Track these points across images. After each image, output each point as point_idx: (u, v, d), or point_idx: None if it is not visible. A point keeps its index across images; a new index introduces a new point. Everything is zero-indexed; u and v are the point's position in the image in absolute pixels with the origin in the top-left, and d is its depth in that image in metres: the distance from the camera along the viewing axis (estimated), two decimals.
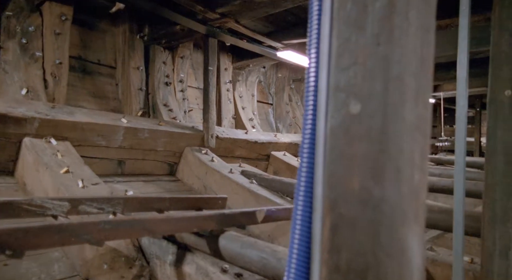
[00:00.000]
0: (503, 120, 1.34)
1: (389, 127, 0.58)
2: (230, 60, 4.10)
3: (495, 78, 1.39)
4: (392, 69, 0.58)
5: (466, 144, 1.56)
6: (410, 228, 0.59)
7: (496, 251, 1.31)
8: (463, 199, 1.53)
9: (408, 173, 0.59)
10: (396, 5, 0.57)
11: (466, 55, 1.60)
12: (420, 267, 0.61)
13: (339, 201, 0.61)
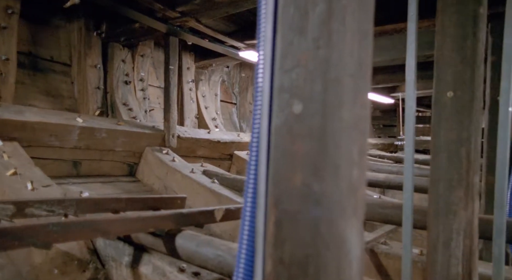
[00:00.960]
0: (446, 120, 1.43)
1: (328, 126, 0.61)
2: (192, 59, 4.08)
3: (438, 81, 1.49)
4: (331, 71, 0.61)
5: (414, 142, 1.66)
6: (348, 221, 0.63)
7: (440, 242, 1.40)
8: (412, 195, 1.63)
9: (347, 170, 0.63)
10: (334, 11, 0.61)
11: (414, 59, 1.70)
12: (358, 258, 0.66)
13: (283, 197, 0.64)
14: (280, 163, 0.65)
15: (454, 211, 1.38)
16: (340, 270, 0.61)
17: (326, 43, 0.61)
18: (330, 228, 0.60)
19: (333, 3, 0.61)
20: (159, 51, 3.77)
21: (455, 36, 1.44)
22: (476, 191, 1.42)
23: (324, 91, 0.61)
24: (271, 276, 0.63)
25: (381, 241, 1.98)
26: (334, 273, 0.60)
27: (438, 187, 1.44)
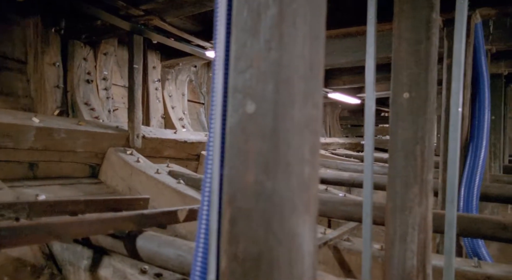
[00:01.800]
0: (402, 120, 1.50)
1: (280, 126, 0.64)
2: (158, 58, 4.03)
3: (395, 82, 1.56)
4: (282, 72, 0.64)
5: (373, 141, 1.73)
6: (300, 217, 0.66)
7: (397, 237, 1.47)
8: (371, 192, 1.70)
9: (298, 168, 0.66)
10: (285, 14, 0.64)
11: (373, 61, 1.77)
12: (311, 252, 0.69)
13: (237, 195, 0.66)
14: (234, 161, 0.67)
15: (409, 207, 1.46)
16: (292, 264, 0.64)
17: (277, 45, 0.64)
18: (282, 224, 0.63)
19: (284, 6, 0.64)
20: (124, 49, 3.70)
21: (410, 39, 1.52)
22: (430, 187, 1.50)
23: (275, 91, 0.64)
24: (226, 273, 0.65)
25: (344, 238, 2.05)
26: (286, 268, 0.63)
27: (395, 184, 1.51)
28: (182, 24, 3.19)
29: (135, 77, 2.92)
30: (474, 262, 1.71)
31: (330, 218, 2.56)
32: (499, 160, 4.90)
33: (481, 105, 2.52)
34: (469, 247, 2.22)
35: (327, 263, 1.98)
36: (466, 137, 2.51)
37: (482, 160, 2.41)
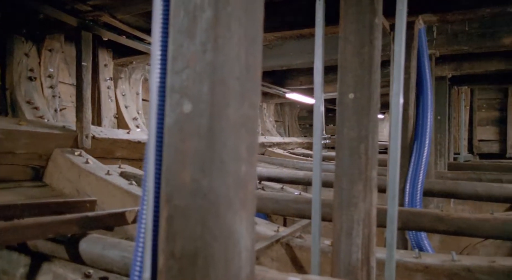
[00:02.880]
0: (348, 120, 1.58)
1: (216, 125, 0.66)
2: (110, 56, 3.90)
3: (341, 83, 1.64)
4: (217, 73, 0.67)
5: (322, 139, 1.81)
6: (237, 214, 0.69)
7: (343, 232, 1.54)
8: (320, 189, 1.77)
9: (234, 166, 0.68)
10: (220, 17, 0.66)
11: (321, 62, 1.85)
12: (248, 248, 0.72)
13: (174, 193, 0.68)
14: (171, 160, 0.69)
15: (355, 203, 1.54)
16: (228, 260, 0.67)
17: (213, 47, 0.66)
18: (218, 221, 0.65)
19: (219, 10, 0.66)
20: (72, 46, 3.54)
21: (355, 42, 1.60)
22: (374, 184, 1.59)
23: (211, 92, 0.66)
24: (163, 270, 0.67)
25: (296, 235, 2.11)
26: (222, 264, 0.66)
27: (341, 181, 1.59)
28: (135, 22, 3.13)
29: (83, 75, 2.82)
30: (415, 253, 1.83)
31: (284, 216, 2.63)
32: (444, 158, 5.23)
33: (425, 106, 2.70)
34: (413, 239, 2.37)
35: (280, 260, 2.03)
36: (411, 136, 2.68)
37: (426, 157, 2.58)
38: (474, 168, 5.21)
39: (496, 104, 8.71)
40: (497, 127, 8.64)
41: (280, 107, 8.87)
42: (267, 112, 7.71)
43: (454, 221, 1.70)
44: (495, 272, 1.64)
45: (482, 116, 8.76)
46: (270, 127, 7.59)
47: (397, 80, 1.60)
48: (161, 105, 0.74)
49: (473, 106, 8.70)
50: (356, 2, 1.60)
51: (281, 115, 8.87)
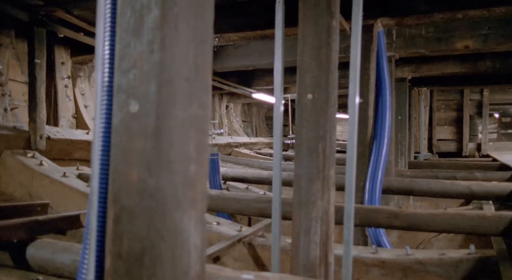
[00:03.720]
0: (306, 120, 1.63)
1: (162, 125, 0.67)
2: (68, 53, 3.77)
3: (300, 84, 1.68)
4: (164, 73, 0.67)
5: (282, 140, 1.84)
6: (185, 213, 0.70)
7: (302, 230, 1.58)
8: (280, 188, 1.81)
9: (182, 166, 0.69)
10: (167, 17, 0.67)
11: (281, 63, 1.88)
12: (198, 247, 0.73)
13: (121, 193, 0.68)
14: (118, 160, 0.69)
15: (313, 202, 1.59)
16: (176, 259, 0.67)
17: (159, 47, 0.67)
18: (165, 220, 0.66)
19: (166, 10, 0.67)
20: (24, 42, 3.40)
21: (313, 44, 1.64)
22: (331, 182, 1.65)
23: (158, 92, 0.67)
24: (110, 271, 0.67)
25: (259, 234, 2.14)
26: (169, 263, 0.66)
27: (300, 180, 1.63)
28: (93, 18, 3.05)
29: (36, 73, 2.71)
30: (372, 249, 1.91)
31: (246, 215, 2.65)
32: (405, 157, 5.45)
33: (384, 106, 2.81)
34: (372, 236, 2.47)
35: (242, 259, 2.05)
36: (371, 136, 2.78)
37: (384, 156, 2.69)
38: (432, 166, 5.47)
39: (453, 104, 9.19)
40: (454, 127, 9.12)
41: (247, 107, 8.90)
42: (234, 112, 7.72)
43: (408, 217, 1.79)
44: (444, 264, 1.74)
45: (441, 116, 9.21)
46: (237, 127, 7.61)
47: (353, 81, 1.65)
48: (108, 104, 0.74)
49: (433, 107, 9.14)
50: (313, 4, 1.64)
51: (249, 115, 8.91)
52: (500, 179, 3.48)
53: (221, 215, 2.71)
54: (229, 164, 4.64)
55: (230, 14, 3.00)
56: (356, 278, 1.86)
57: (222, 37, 3.01)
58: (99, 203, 0.70)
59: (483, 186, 2.71)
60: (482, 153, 8.79)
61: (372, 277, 1.83)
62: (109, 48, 0.73)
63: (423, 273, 1.77)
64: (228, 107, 7.45)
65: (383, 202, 3.83)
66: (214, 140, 5.40)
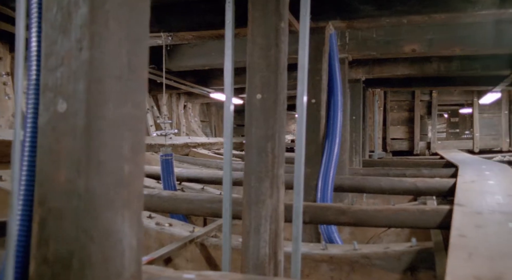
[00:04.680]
0: (255, 119, 1.65)
1: (92, 125, 0.66)
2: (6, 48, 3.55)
3: (250, 84, 1.70)
4: (94, 72, 0.66)
5: (232, 140, 1.86)
6: (118, 213, 0.69)
7: (252, 229, 1.61)
8: (230, 188, 1.82)
9: (115, 166, 0.69)
10: (97, 14, 0.66)
11: (231, 63, 1.90)
12: (134, 247, 0.72)
13: (47, 195, 0.66)
14: (45, 161, 0.67)
15: (262, 200, 1.62)
16: (108, 261, 0.67)
17: (89, 45, 0.66)
18: (95, 221, 0.65)
19: (95, 7, 0.66)
20: None
21: (262, 45, 1.67)
22: (281, 181, 1.68)
23: (87, 90, 0.65)
24: (34, 278, 0.64)
25: (212, 234, 2.14)
26: (100, 265, 0.65)
27: (250, 179, 1.66)
28: None
29: None
30: (322, 245, 1.97)
31: (199, 216, 2.64)
32: (359, 155, 5.65)
33: (335, 107, 2.90)
34: (324, 233, 2.54)
35: (195, 260, 2.04)
36: (323, 136, 2.86)
37: (336, 155, 2.78)
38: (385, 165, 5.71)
39: (406, 105, 9.65)
40: (406, 127, 9.58)
41: (206, 107, 8.84)
42: (192, 112, 7.64)
43: (355, 213, 1.87)
44: (388, 257, 1.83)
45: (394, 116, 9.64)
46: (195, 127, 7.54)
47: (302, 81, 1.70)
48: (35, 104, 0.71)
49: (387, 107, 9.54)
50: (262, 6, 1.67)
51: (208, 115, 8.85)
52: (444, 176, 3.70)
53: (175, 217, 2.68)
54: (186, 165, 4.59)
55: (184, 13, 2.97)
56: (306, 274, 1.91)
57: (175, 36, 2.98)
58: (24, 206, 0.68)
59: (427, 182, 2.87)
60: (432, 151, 9.28)
61: (321, 273, 1.89)
62: (36, 44, 0.70)
63: (369, 267, 1.85)
64: (186, 107, 7.36)
65: (338, 200, 3.97)
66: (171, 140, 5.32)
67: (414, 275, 1.82)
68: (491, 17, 2.62)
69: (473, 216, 1.51)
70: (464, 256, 1.02)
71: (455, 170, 3.72)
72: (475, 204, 1.76)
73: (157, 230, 1.98)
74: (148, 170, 3.24)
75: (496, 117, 9.04)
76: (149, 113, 5.35)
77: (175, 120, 6.83)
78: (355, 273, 1.85)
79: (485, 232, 1.26)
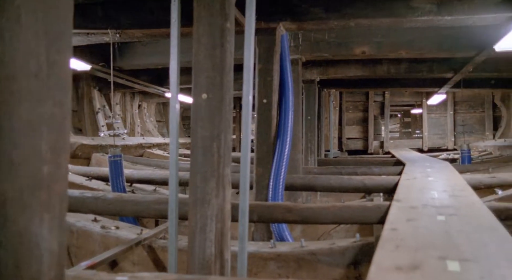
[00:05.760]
0: (201, 119, 1.65)
1: (3, 124, 0.63)
2: None
3: (195, 84, 1.69)
4: (4, 69, 0.64)
5: (178, 140, 1.85)
6: (35, 217, 0.67)
7: (197, 229, 1.60)
8: (176, 188, 1.81)
9: (31, 167, 0.66)
10: (6, 9, 0.64)
11: (177, 62, 1.89)
12: (54, 250, 0.70)
13: None
14: None
15: (208, 200, 1.62)
16: (21, 266, 0.64)
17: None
18: (6, 225, 0.63)
19: (5, 2, 0.63)
20: None
21: (207, 45, 1.67)
22: (227, 181, 1.69)
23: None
24: None
25: (160, 236, 2.11)
26: (12, 271, 0.63)
27: (196, 179, 1.65)
28: None
29: None
30: (270, 244, 2.01)
31: (145, 217, 2.60)
32: (314, 155, 5.79)
33: (286, 107, 2.95)
34: (276, 231, 2.59)
35: (142, 263, 2.01)
36: (275, 135, 2.91)
37: (287, 155, 2.83)
38: (339, 163, 5.90)
39: (360, 106, 10.03)
40: (361, 126, 9.95)
41: (162, 107, 8.68)
42: (147, 111, 7.48)
43: (301, 211, 1.92)
44: (333, 253, 1.90)
45: (350, 116, 9.98)
46: (151, 127, 7.38)
47: (247, 81, 1.72)
48: None
49: (342, 108, 9.86)
50: (207, 5, 1.67)
51: (164, 115, 8.69)
52: (393, 173, 3.87)
53: (125, 219, 2.62)
54: (139, 166, 4.48)
55: (134, 10, 2.91)
56: (255, 272, 1.94)
57: (124, 33, 2.90)
58: None
59: (374, 180, 3.00)
60: (385, 150, 9.68)
61: (269, 271, 1.92)
62: None
63: (315, 263, 1.91)
64: (141, 106, 7.19)
65: (292, 199, 4.05)
66: (124, 141, 5.18)
67: (357, 269, 1.90)
68: (430, 23, 2.79)
69: (408, 211, 1.60)
70: (392, 248, 1.08)
71: (402, 168, 3.91)
72: (412, 200, 1.87)
73: (102, 234, 1.92)
74: (97, 172, 3.14)
75: (442, 117, 9.62)
76: (100, 113, 5.18)
77: (129, 120, 6.66)
78: (301, 269, 1.90)
79: (415, 225, 1.34)
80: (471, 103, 9.39)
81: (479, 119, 9.31)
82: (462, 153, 4.92)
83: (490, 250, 1.03)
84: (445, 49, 3.97)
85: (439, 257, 0.97)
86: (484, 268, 0.90)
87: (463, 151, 4.91)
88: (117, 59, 4.13)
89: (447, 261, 0.94)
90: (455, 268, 0.90)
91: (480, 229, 1.27)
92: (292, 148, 3.82)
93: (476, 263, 0.93)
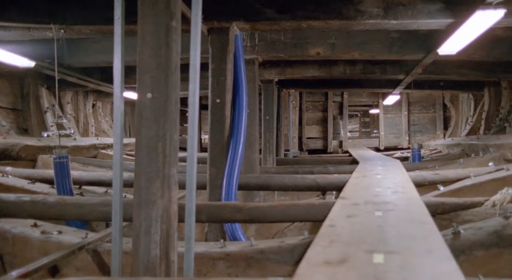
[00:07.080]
0: (146, 119, 1.64)
1: None
2: None
3: (140, 83, 1.68)
4: None
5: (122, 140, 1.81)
6: None
7: (142, 230, 1.59)
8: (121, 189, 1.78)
9: None
10: None
11: (120, 61, 1.86)
12: None
13: None
14: None
15: (153, 201, 1.61)
16: None
17: None
18: None
19: None
20: None
21: (152, 44, 1.66)
22: (172, 181, 1.69)
23: None
24: None
25: (106, 239, 2.06)
26: None
27: (140, 180, 1.63)
28: None
29: None
30: (220, 244, 2.02)
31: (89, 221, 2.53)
32: (273, 154, 5.87)
33: (240, 107, 2.98)
34: (229, 231, 2.60)
35: (86, 268, 1.95)
36: (228, 135, 2.92)
37: (240, 155, 2.86)
38: (297, 163, 6.02)
39: (320, 106, 10.27)
40: (321, 126, 10.19)
41: None
42: (102, 111, 7.24)
43: (250, 210, 1.95)
44: (282, 251, 1.94)
45: (310, 116, 10.19)
46: (106, 127, 7.16)
47: (194, 81, 1.72)
48: None
49: (302, 107, 10.05)
50: (152, 4, 1.66)
51: None
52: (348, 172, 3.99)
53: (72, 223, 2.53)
54: (91, 167, 4.34)
55: (80, 6, 2.82)
56: (204, 273, 1.94)
57: (71, 29, 2.81)
58: None
59: (326, 178, 3.10)
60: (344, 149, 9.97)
61: (218, 270, 1.93)
62: None
63: (264, 261, 1.95)
64: (96, 106, 6.95)
65: (249, 198, 4.08)
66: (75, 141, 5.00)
67: None
68: (378, 26, 2.92)
69: (349, 207, 1.67)
70: (326, 243, 1.13)
71: (357, 166, 4.06)
72: (356, 197, 1.95)
73: (42, 239, 1.85)
74: (42, 174, 3.01)
75: (397, 117, 10.06)
76: (48, 112, 4.96)
77: (82, 120, 6.42)
78: (250, 268, 1.93)
79: (353, 221, 1.41)
80: (423, 104, 9.89)
81: (431, 119, 9.84)
82: (413, 151, 5.18)
83: (415, 243, 1.11)
84: (395, 51, 4.17)
85: (367, 250, 1.03)
86: (405, 259, 0.96)
87: (414, 150, 5.16)
88: (66, 56, 3.98)
89: (374, 254, 1.00)
90: (380, 260, 0.96)
91: (411, 224, 1.36)
92: (249, 147, 3.86)
93: (399, 255, 0.99)
